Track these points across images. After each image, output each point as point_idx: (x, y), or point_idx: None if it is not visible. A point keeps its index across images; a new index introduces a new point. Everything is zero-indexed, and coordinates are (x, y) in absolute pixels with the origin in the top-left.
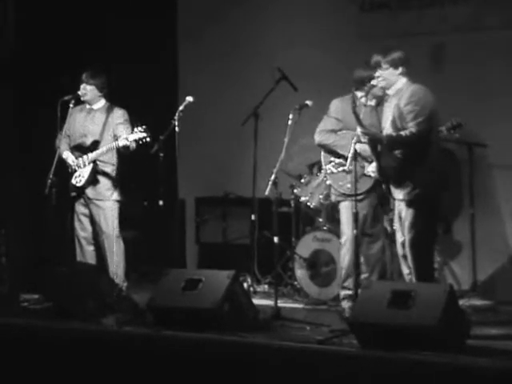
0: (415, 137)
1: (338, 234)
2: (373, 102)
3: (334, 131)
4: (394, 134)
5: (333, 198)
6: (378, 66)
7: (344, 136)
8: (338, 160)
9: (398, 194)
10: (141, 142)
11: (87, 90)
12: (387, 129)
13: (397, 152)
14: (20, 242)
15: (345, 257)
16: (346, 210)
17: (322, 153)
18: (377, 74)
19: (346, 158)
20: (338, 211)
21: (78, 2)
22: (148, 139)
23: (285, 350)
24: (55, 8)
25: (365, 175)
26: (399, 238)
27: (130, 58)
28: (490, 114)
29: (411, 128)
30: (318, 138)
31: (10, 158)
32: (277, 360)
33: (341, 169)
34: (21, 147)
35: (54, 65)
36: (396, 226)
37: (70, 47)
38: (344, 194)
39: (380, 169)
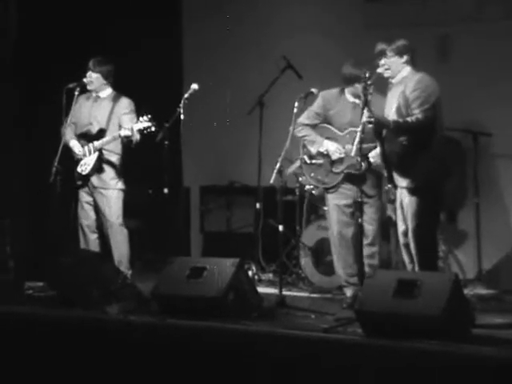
0: (421, 123)
1: None
2: (356, 100)
3: (310, 125)
4: (400, 119)
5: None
6: (382, 54)
7: (320, 131)
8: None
9: (401, 182)
10: (146, 132)
11: (93, 77)
12: (392, 116)
13: (402, 139)
14: (24, 231)
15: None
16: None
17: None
18: (381, 62)
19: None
20: None
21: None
22: (153, 128)
23: (289, 339)
24: (57, 5)
25: (332, 172)
26: (400, 226)
27: (134, 46)
28: (494, 103)
29: (418, 114)
30: (292, 129)
31: (13, 148)
32: (282, 348)
33: (314, 161)
34: (26, 133)
35: (56, 60)
36: (398, 213)
37: (73, 43)
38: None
39: (384, 155)
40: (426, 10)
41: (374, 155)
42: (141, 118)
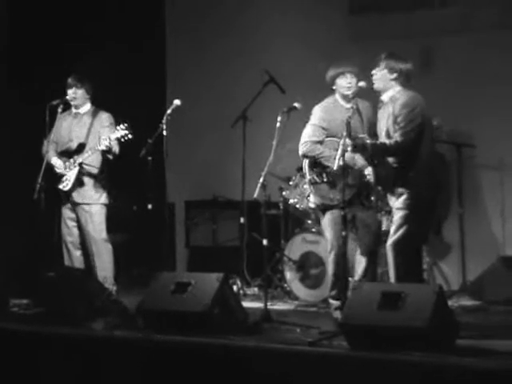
0: (400, 146)
1: None
2: (349, 105)
3: (320, 142)
4: (378, 142)
5: (312, 205)
6: (376, 64)
7: (329, 145)
8: (320, 169)
9: (394, 202)
10: (123, 140)
11: (78, 94)
12: (382, 139)
13: (391, 160)
14: (9, 247)
15: (332, 264)
16: (328, 216)
17: (306, 161)
18: (373, 71)
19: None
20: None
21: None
22: (130, 136)
23: (275, 353)
24: (46, 6)
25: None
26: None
27: (116, 61)
28: (477, 114)
29: (397, 137)
30: (304, 148)
31: None
32: (267, 362)
33: (324, 179)
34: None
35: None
36: (391, 231)
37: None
38: (324, 204)
39: (375, 176)
40: (410, 21)
41: (370, 172)
42: (117, 127)
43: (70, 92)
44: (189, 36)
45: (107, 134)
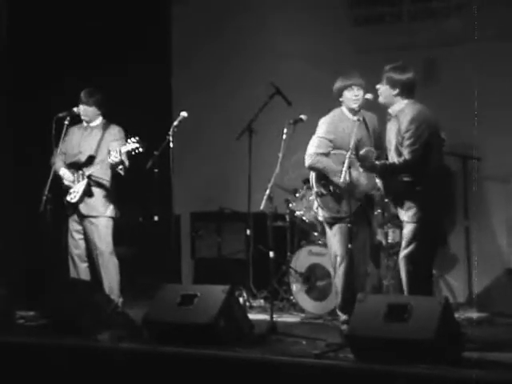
0: (409, 164)
1: None
2: (355, 118)
3: (326, 154)
4: (387, 162)
5: (321, 218)
6: (381, 77)
7: (334, 159)
8: (326, 182)
9: (403, 216)
10: (134, 153)
11: (89, 111)
12: (392, 155)
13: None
14: (15, 259)
15: (343, 277)
16: (337, 229)
17: (312, 174)
18: (377, 86)
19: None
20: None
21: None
22: (141, 149)
23: (281, 365)
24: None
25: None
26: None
27: (124, 73)
28: (483, 126)
29: (406, 155)
30: (310, 160)
31: (3, 172)
32: (273, 375)
33: (331, 191)
34: (15, 162)
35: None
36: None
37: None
38: (332, 217)
39: (384, 188)
40: (413, 32)
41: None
42: (128, 140)
43: (82, 109)
44: (195, 48)
45: (117, 147)
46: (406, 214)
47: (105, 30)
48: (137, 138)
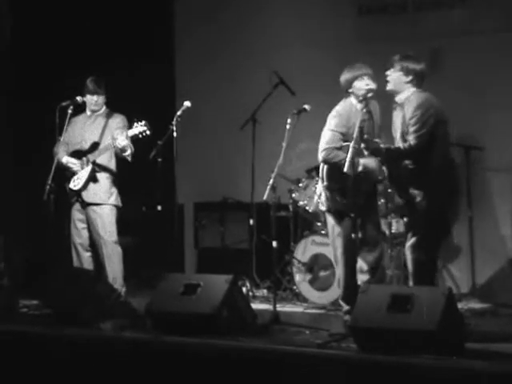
0: (414, 149)
1: None
2: (358, 106)
3: (338, 148)
4: (392, 146)
5: (323, 208)
6: (391, 65)
7: (346, 150)
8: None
9: (408, 204)
10: (141, 136)
11: (99, 100)
12: (398, 142)
13: (407, 162)
14: (19, 249)
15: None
16: (340, 221)
17: (324, 166)
18: (387, 72)
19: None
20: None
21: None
22: (148, 132)
23: (284, 354)
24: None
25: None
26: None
27: (126, 63)
28: (486, 117)
29: (411, 141)
30: (325, 154)
31: (5, 164)
32: (276, 364)
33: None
34: (17, 153)
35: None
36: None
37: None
38: (339, 210)
39: (390, 178)
40: (418, 23)
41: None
42: (135, 124)
43: (92, 98)
44: (198, 38)
45: (122, 134)
46: (412, 203)
47: (107, 24)
48: (144, 122)
